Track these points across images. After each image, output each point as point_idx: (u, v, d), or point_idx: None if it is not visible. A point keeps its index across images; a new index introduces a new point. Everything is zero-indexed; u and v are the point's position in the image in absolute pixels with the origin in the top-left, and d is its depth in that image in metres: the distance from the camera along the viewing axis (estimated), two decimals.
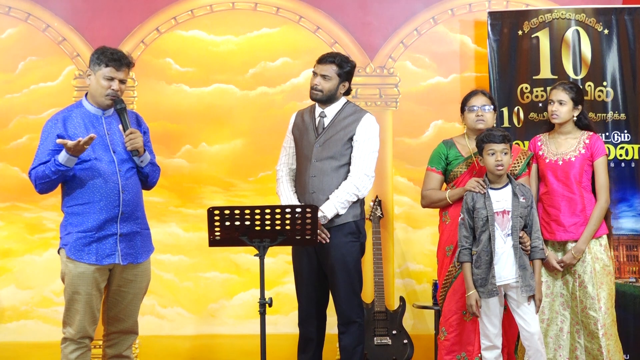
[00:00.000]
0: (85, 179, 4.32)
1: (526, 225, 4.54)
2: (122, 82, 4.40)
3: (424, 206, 4.98)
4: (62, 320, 4.43)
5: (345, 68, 4.83)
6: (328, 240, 4.69)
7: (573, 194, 4.81)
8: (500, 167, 4.50)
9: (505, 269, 4.48)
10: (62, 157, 4.24)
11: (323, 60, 4.85)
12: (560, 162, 4.85)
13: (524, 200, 4.52)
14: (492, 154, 4.51)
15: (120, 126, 4.40)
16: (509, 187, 4.56)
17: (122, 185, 4.35)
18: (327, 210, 4.68)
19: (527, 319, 4.50)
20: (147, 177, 4.51)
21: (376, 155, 4.85)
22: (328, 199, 4.73)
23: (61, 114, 4.44)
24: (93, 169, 4.33)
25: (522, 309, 4.50)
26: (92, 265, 4.32)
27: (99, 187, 4.32)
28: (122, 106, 4.40)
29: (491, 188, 4.55)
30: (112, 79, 4.37)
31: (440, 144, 4.97)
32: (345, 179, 4.77)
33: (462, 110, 4.89)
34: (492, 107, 4.84)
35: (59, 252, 4.44)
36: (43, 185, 4.31)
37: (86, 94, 4.48)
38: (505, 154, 4.52)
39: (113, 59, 4.37)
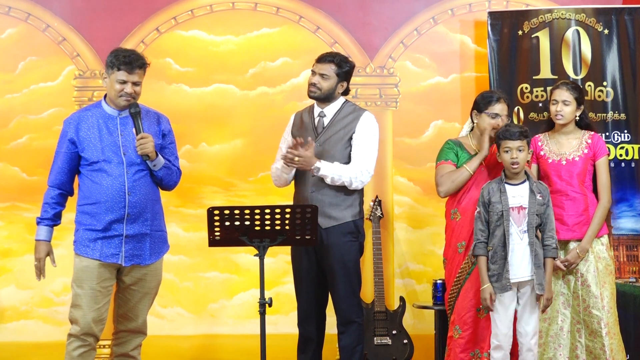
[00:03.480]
0: (94, 180, 4.37)
1: (541, 222, 4.54)
2: (135, 84, 4.41)
3: (444, 193, 4.81)
4: (68, 317, 4.44)
5: (344, 68, 4.83)
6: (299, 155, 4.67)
7: (576, 194, 4.81)
8: (515, 165, 4.50)
9: (522, 266, 4.49)
10: (39, 232, 4.46)
11: (322, 59, 4.85)
12: (564, 162, 4.84)
13: (540, 198, 4.53)
14: (507, 152, 4.51)
15: (134, 129, 4.41)
16: (527, 183, 4.56)
17: (129, 187, 4.36)
18: (326, 165, 4.67)
19: (527, 317, 4.52)
20: (161, 181, 4.52)
21: (376, 154, 4.85)
22: (327, 199, 4.73)
23: (77, 114, 4.51)
24: (102, 170, 4.36)
25: (527, 306, 4.52)
26: (96, 261, 4.34)
27: (105, 188, 4.35)
28: (137, 110, 4.41)
29: (508, 183, 4.55)
30: (124, 82, 4.38)
31: (447, 141, 4.92)
32: None
33: (479, 109, 4.82)
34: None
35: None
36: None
37: (105, 95, 4.50)
38: (521, 150, 4.51)
39: (125, 62, 4.37)
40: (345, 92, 4.90)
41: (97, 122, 4.42)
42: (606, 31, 5.63)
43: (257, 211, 4.19)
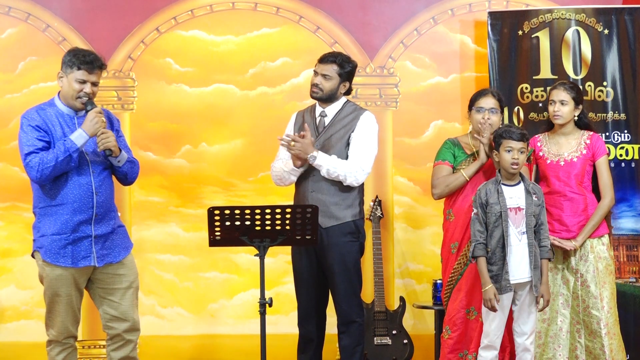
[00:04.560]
0: (58, 180, 4.27)
1: (536, 223, 4.54)
2: (94, 84, 4.34)
3: (438, 195, 4.85)
4: (44, 322, 4.42)
5: (346, 68, 4.83)
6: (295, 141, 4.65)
7: (574, 194, 4.81)
8: (515, 166, 4.49)
9: (520, 267, 4.48)
10: (79, 138, 4.21)
11: (324, 59, 4.85)
12: (562, 163, 4.84)
13: (536, 199, 4.52)
14: (509, 151, 4.50)
15: None
16: (522, 184, 4.55)
17: (96, 187, 4.32)
18: (322, 156, 4.67)
19: (524, 317, 4.53)
20: (125, 176, 4.47)
21: (374, 153, 4.84)
22: (327, 199, 4.73)
23: (35, 108, 4.38)
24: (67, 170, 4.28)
25: (524, 307, 4.52)
26: (70, 268, 4.29)
27: (72, 189, 4.28)
28: (94, 106, 4.33)
29: (504, 184, 4.55)
30: (84, 82, 4.30)
31: (445, 141, 4.94)
32: None
33: (470, 108, 4.86)
34: (499, 110, 4.81)
35: (33, 256, 4.41)
36: (45, 170, 4.19)
37: (58, 93, 4.41)
38: (522, 152, 4.50)
39: (85, 61, 4.30)
40: (347, 92, 4.91)
41: (58, 120, 4.33)
42: (606, 31, 5.63)
43: (258, 211, 4.19)
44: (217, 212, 4.21)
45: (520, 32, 5.72)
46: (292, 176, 4.85)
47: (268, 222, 4.21)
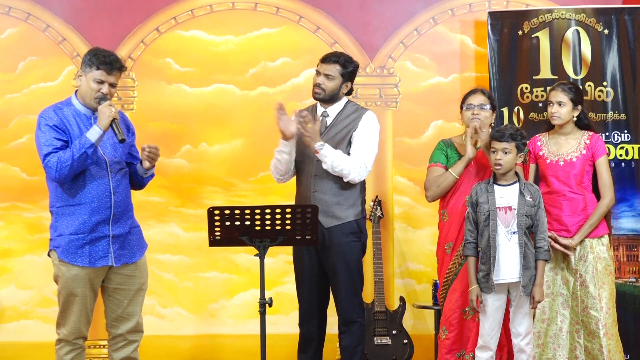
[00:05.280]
0: (77, 180, 4.26)
1: (532, 224, 4.54)
2: (112, 85, 4.32)
3: (431, 198, 4.86)
4: (56, 321, 4.41)
5: (348, 68, 4.83)
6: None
7: (574, 194, 4.81)
8: (498, 167, 4.50)
9: (510, 267, 4.47)
10: (92, 133, 4.17)
11: (327, 59, 4.84)
12: (562, 163, 4.84)
13: (530, 199, 4.51)
14: (494, 152, 4.52)
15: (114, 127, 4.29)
16: (516, 185, 4.55)
17: (114, 187, 4.31)
18: (329, 148, 4.65)
19: (519, 318, 4.52)
20: (142, 184, 4.51)
21: (375, 152, 4.84)
22: (330, 199, 4.73)
23: (52, 107, 4.36)
24: (85, 170, 4.25)
25: (518, 308, 4.52)
26: (86, 268, 4.28)
27: (90, 188, 4.27)
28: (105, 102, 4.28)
29: (497, 184, 4.55)
30: (102, 82, 4.28)
31: (439, 142, 4.97)
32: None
33: (462, 107, 4.89)
34: (489, 106, 4.83)
35: (49, 255, 4.40)
36: (63, 169, 4.16)
37: (76, 92, 4.40)
38: (507, 153, 4.50)
39: (105, 62, 4.28)
40: (349, 92, 4.90)
41: (75, 119, 4.31)
42: (606, 31, 5.64)
43: (258, 211, 4.19)
44: (217, 212, 4.21)
45: (520, 32, 5.72)
46: (284, 154, 4.80)
47: (268, 222, 4.21)
